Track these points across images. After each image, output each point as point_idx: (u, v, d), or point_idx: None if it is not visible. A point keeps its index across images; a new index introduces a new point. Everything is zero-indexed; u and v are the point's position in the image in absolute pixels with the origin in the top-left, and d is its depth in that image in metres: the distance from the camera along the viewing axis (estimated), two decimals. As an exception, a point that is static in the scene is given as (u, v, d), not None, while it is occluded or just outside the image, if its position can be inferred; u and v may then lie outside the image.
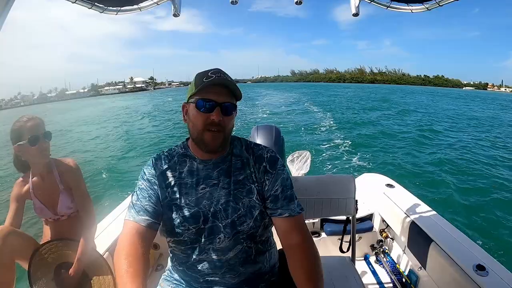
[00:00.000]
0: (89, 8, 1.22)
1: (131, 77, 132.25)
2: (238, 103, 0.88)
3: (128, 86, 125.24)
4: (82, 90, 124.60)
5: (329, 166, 7.07)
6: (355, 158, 7.88)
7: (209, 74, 0.82)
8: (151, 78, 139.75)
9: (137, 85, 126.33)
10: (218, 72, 0.82)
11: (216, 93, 0.80)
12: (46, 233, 1.37)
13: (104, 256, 1.37)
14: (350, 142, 9.80)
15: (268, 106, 23.17)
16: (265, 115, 17.48)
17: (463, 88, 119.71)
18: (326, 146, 9.32)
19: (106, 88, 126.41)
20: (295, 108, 22.07)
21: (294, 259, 0.81)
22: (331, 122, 14.59)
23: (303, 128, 12.62)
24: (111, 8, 1.31)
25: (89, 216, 1.32)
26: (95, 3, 1.22)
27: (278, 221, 0.85)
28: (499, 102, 35.53)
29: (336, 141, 10.09)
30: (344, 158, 7.90)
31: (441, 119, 16.87)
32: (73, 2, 1.11)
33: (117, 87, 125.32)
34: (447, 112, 21.24)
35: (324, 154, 8.20)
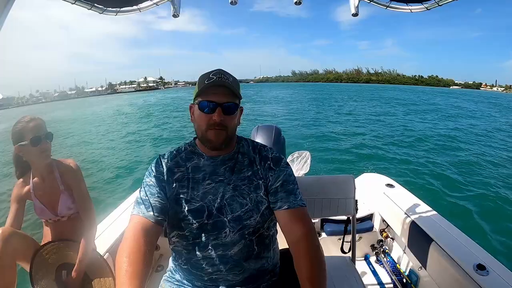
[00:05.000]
0: (88, 9, 1.22)
1: (145, 77, 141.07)
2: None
3: (142, 85, 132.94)
4: (100, 88, 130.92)
5: (329, 166, 7.07)
6: (355, 158, 7.88)
7: (210, 75, 0.84)
8: (161, 78, 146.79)
9: (149, 84, 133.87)
10: (219, 73, 0.84)
11: (217, 94, 0.83)
12: (46, 234, 1.36)
13: (105, 257, 1.37)
14: (350, 142, 9.80)
15: (270, 104, 23.42)
16: (266, 113, 17.59)
17: (450, 87, 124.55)
18: (326, 146, 9.32)
19: (122, 86, 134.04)
20: (295, 107, 22.21)
21: (298, 251, 0.79)
22: (331, 122, 14.60)
23: (302, 127, 12.63)
24: (110, 9, 1.31)
25: (89, 217, 1.32)
26: (95, 4, 1.22)
27: (279, 215, 0.86)
28: (468, 98, 43.34)
29: (336, 141, 10.10)
30: (344, 158, 7.90)
31: (439, 116, 16.94)
32: (72, 3, 1.11)
33: (132, 86, 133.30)
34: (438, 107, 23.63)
35: (324, 154, 8.20)
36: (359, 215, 1.95)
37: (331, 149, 8.88)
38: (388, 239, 1.95)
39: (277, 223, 0.93)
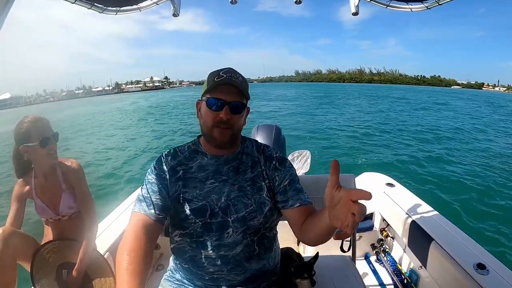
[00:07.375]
0: (88, 8, 1.22)
1: (151, 77, 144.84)
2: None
3: (148, 85, 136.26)
4: (107, 87, 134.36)
5: (329, 165, 7.05)
6: (356, 157, 7.88)
7: (220, 73, 0.84)
8: (166, 78, 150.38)
9: (155, 84, 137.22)
10: (229, 71, 0.84)
11: (225, 93, 0.82)
12: (47, 234, 1.36)
13: (105, 257, 1.37)
14: (350, 141, 9.80)
15: (271, 104, 23.61)
16: (267, 112, 17.68)
17: (452, 87, 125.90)
18: (326, 145, 9.32)
19: (128, 86, 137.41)
20: (296, 106, 22.29)
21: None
22: (331, 121, 14.60)
23: (303, 126, 12.63)
24: (110, 8, 1.31)
25: (90, 216, 1.32)
26: (95, 3, 1.22)
27: (291, 213, 0.87)
28: (459, 96, 46.32)
29: (336, 140, 10.09)
30: (344, 157, 7.90)
31: (440, 116, 16.95)
32: (72, 2, 1.11)
33: (139, 85, 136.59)
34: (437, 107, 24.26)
35: (324, 153, 8.19)
36: None
37: (332, 148, 8.88)
38: (388, 238, 1.95)
39: (277, 226, 0.94)
